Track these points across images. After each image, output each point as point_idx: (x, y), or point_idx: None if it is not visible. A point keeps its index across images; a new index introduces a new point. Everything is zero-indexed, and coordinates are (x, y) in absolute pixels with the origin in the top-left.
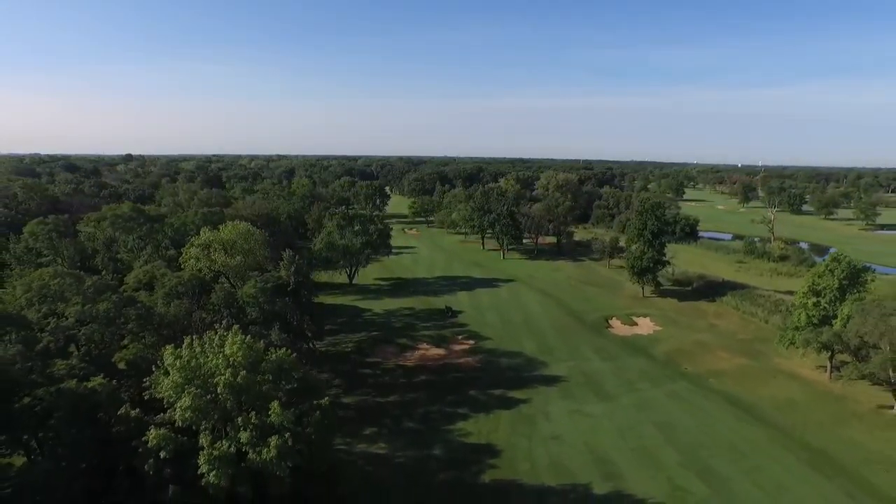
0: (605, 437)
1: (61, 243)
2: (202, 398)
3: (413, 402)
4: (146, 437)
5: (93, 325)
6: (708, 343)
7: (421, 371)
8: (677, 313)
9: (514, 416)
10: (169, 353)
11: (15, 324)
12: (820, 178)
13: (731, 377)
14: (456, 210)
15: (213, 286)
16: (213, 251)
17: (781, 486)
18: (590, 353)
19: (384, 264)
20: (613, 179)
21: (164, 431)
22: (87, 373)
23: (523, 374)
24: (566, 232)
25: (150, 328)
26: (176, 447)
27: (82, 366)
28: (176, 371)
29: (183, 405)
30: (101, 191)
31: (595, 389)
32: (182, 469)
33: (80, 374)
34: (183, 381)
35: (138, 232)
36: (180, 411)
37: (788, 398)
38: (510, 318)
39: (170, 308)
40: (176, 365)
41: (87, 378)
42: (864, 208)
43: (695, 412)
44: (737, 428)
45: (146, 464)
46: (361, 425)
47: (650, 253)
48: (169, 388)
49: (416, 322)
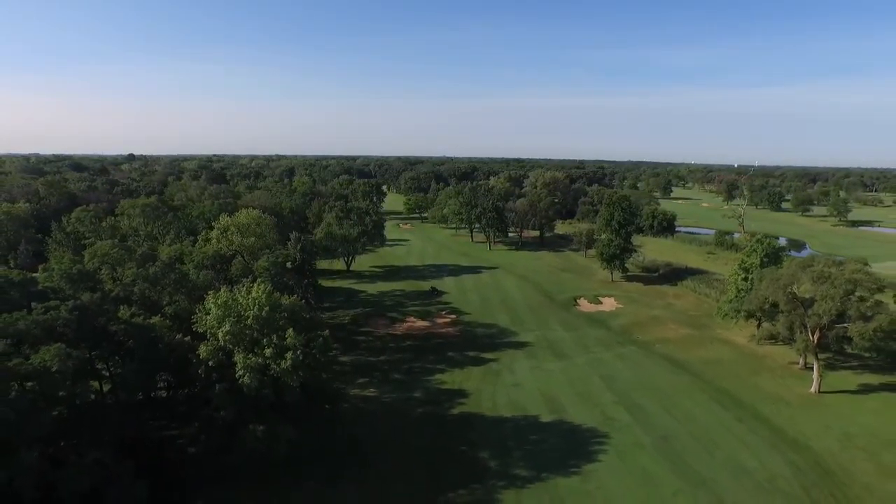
0: (557, 385)
1: (100, 227)
2: (237, 325)
3: (399, 361)
4: (198, 351)
5: (144, 284)
6: (661, 317)
7: (407, 338)
8: (640, 294)
9: (483, 370)
10: (211, 296)
11: (91, 279)
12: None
13: (674, 343)
14: (447, 205)
15: (231, 261)
16: (230, 233)
17: (689, 415)
18: (556, 325)
19: (379, 254)
20: (604, 178)
21: (211, 346)
22: (145, 318)
23: (495, 340)
24: (548, 226)
25: (183, 290)
26: (218, 359)
27: (140, 312)
28: (217, 308)
29: (223, 330)
30: (114, 188)
31: (555, 352)
32: (223, 374)
33: (141, 317)
34: (222, 315)
35: (164, 219)
36: (221, 334)
37: (717, 357)
38: (489, 297)
39: (199, 276)
40: (217, 303)
41: (147, 318)
42: (837, 205)
43: (635, 368)
44: (667, 378)
45: (199, 370)
46: (355, 377)
47: (617, 241)
48: (213, 320)
49: (405, 301)
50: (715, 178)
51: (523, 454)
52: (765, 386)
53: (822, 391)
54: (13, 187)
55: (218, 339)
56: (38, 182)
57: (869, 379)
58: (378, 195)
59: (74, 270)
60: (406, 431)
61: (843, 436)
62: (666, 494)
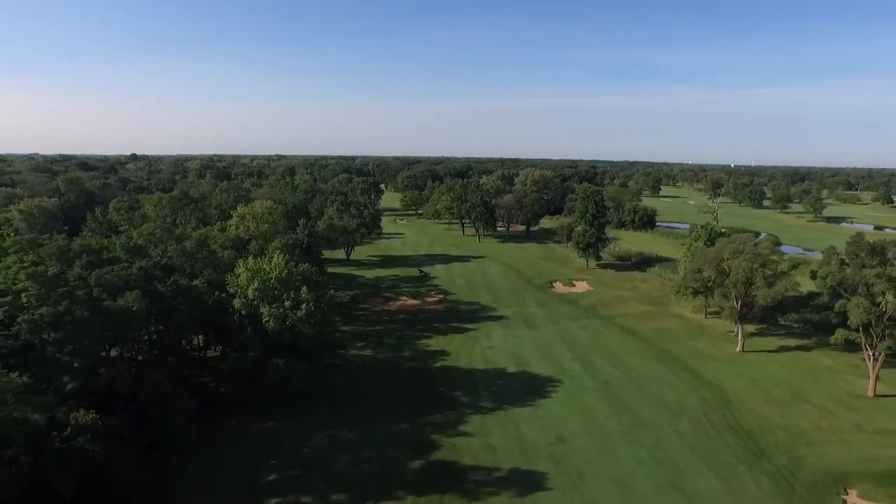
0: (525, 347)
1: (133, 216)
2: (263, 284)
3: (392, 330)
4: (233, 303)
5: (183, 257)
6: (625, 297)
7: (400, 313)
8: (611, 279)
9: (464, 337)
10: (241, 263)
11: (142, 253)
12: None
13: (632, 317)
14: (440, 201)
15: (248, 244)
16: (247, 220)
17: (630, 368)
18: (531, 303)
19: (376, 245)
20: (595, 177)
21: (242, 300)
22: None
23: (477, 315)
24: (534, 220)
25: (211, 266)
26: (249, 310)
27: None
28: (246, 271)
29: (252, 288)
30: (127, 185)
31: (528, 324)
32: (252, 321)
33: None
34: (251, 276)
35: (187, 209)
36: (251, 291)
37: (666, 328)
38: (474, 281)
39: (224, 255)
40: (247, 267)
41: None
42: (812, 202)
43: (594, 335)
44: (619, 342)
45: (233, 318)
46: (354, 342)
47: (591, 231)
48: (244, 281)
49: (399, 283)
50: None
51: (489, 393)
52: (700, 347)
53: (745, 350)
54: (35, 184)
55: (247, 295)
56: (58, 179)
57: (788, 342)
58: (376, 193)
59: (131, 244)
60: (395, 379)
61: (749, 380)
62: (599, 418)
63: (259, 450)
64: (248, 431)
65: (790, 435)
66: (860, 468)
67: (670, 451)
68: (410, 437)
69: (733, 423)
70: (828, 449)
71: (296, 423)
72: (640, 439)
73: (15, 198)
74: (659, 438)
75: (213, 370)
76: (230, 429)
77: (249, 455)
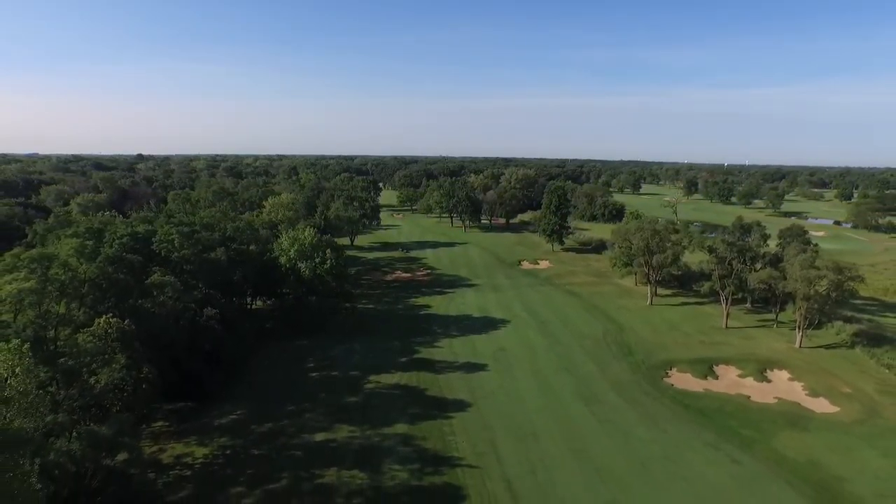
0: (489, 302)
1: (185, 206)
2: (301, 247)
3: (389, 293)
4: (280, 260)
5: (237, 232)
6: (577, 272)
7: (395, 282)
8: (570, 259)
9: (443, 297)
10: (284, 234)
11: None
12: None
13: (578, 285)
14: (431, 197)
15: (277, 226)
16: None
17: (563, 314)
18: (500, 276)
19: (375, 235)
20: (582, 176)
21: (286, 258)
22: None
23: (455, 283)
24: (513, 213)
25: (254, 240)
26: (291, 265)
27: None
28: (287, 239)
29: (294, 249)
30: (152, 184)
31: (495, 289)
32: (294, 272)
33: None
34: (292, 242)
35: (226, 201)
36: (293, 252)
37: (602, 291)
38: (456, 261)
39: (263, 232)
40: (288, 237)
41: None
42: (772, 198)
43: (544, 296)
44: (561, 299)
45: (280, 270)
46: (360, 300)
47: (555, 220)
48: (287, 245)
49: (394, 262)
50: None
51: (457, 327)
52: (622, 303)
53: (653, 304)
54: (75, 181)
55: (290, 255)
56: (95, 178)
57: (690, 300)
58: (375, 190)
59: (204, 222)
60: (390, 320)
61: (644, 319)
62: (530, 340)
63: (299, 353)
64: (291, 345)
65: (653, 346)
66: (683, 358)
67: (573, 355)
68: (400, 348)
69: (619, 341)
70: (671, 351)
71: (322, 342)
72: (555, 350)
73: (65, 194)
74: (567, 349)
75: (259, 317)
76: (278, 343)
77: (293, 355)
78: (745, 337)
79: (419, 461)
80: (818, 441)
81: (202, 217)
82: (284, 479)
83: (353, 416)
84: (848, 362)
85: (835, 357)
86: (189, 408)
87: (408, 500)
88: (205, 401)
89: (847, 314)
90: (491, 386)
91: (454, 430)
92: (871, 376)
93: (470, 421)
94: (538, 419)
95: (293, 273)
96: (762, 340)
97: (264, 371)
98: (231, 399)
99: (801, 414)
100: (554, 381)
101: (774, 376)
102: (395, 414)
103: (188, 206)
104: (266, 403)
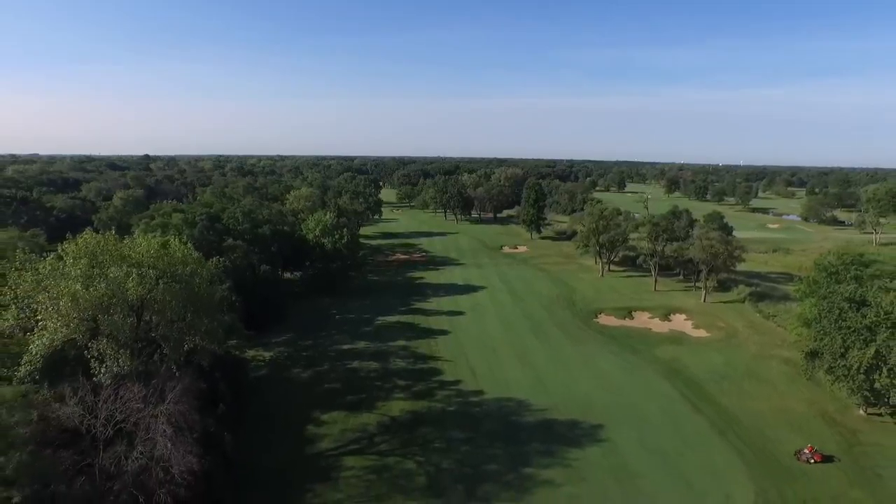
0: (472, 276)
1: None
2: (324, 227)
3: (391, 269)
4: (309, 237)
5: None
6: (550, 254)
7: (395, 263)
8: (545, 245)
9: (435, 272)
10: (310, 216)
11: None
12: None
13: (548, 265)
14: (427, 194)
15: (299, 214)
16: (298, 199)
17: (529, 283)
18: (484, 258)
19: (377, 227)
20: (570, 175)
21: (312, 235)
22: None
23: (446, 263)
24: (500, 208)
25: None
26: (316, 240)
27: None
28: (313, 220)
29: (318, 229)
30: (174, 182)
31: (478, 267)
32: (319, 246)
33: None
34: (316, 223)
35: (254, 194)
36: (319, 230)
37: (568, 270)
38: (448, 246)
39: (289, 217)
40: (313, 218)
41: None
42: (741, 195)
43: (517, 271)
44: (530, 273)
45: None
46: (367, 275)
47: (532, 212)
48: (312, 226)
49: (395, 247)
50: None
51: (444, 290)
52: (581, 276)
53: (603, 276)
54: (108, 179)
55: (315, 232)
56: (127, 177)
57: (634, 274)
58: (376, 188)
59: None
60: (392, 287)
61: (592, 286)
62: (501, 299)
63: (325, 306)
64: (318, 302)
65: (593, 301)
66: (611, 307)
67: (531, 308)
68: (399, 303)
69: (569, 298)
70: (605, 304)
71: (341, 301)
72: (519, 305)
73: (103, 190)
74: (528, 305)
75: (290, 284)
76: (308, 301)
77: (321, 307)
78: (666, 297)
79: (413, 358)
80: (685, 350)
81: (243, 205)
82: (326, 365)
83: (368, 336)
84: (734, 311)
85: (727, 308)
86: (251, 335)
87: (406, 374)
88: (261, 330)
89: (753, 282)
90: (466, 323)
91: (438, 344)
92: (746, 318)
93: (449, 341)
94: (498, 342)
95: (318, 246)
96: (678, 298)
97: (300, 316)
98: (279, 331)
99: (682, 338)
100: (514, 322)
101: (675, 318)
102: (397, 335)
103: (224, 199)
104: (306, 332)
